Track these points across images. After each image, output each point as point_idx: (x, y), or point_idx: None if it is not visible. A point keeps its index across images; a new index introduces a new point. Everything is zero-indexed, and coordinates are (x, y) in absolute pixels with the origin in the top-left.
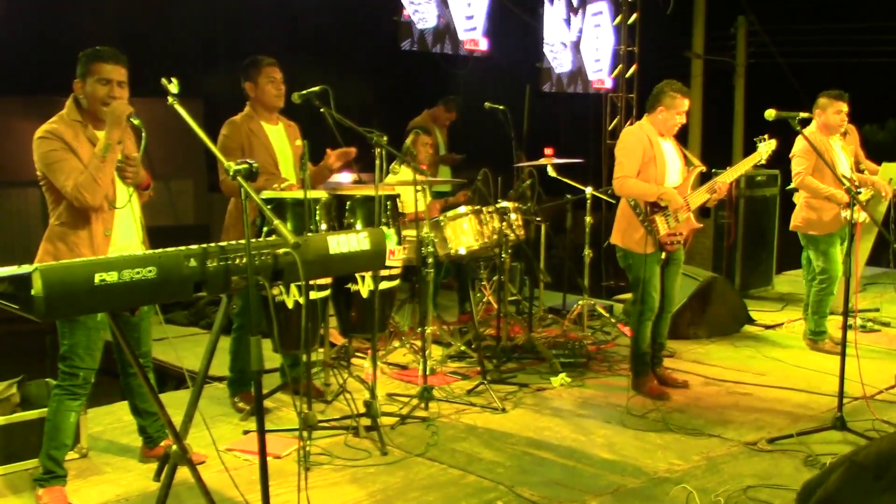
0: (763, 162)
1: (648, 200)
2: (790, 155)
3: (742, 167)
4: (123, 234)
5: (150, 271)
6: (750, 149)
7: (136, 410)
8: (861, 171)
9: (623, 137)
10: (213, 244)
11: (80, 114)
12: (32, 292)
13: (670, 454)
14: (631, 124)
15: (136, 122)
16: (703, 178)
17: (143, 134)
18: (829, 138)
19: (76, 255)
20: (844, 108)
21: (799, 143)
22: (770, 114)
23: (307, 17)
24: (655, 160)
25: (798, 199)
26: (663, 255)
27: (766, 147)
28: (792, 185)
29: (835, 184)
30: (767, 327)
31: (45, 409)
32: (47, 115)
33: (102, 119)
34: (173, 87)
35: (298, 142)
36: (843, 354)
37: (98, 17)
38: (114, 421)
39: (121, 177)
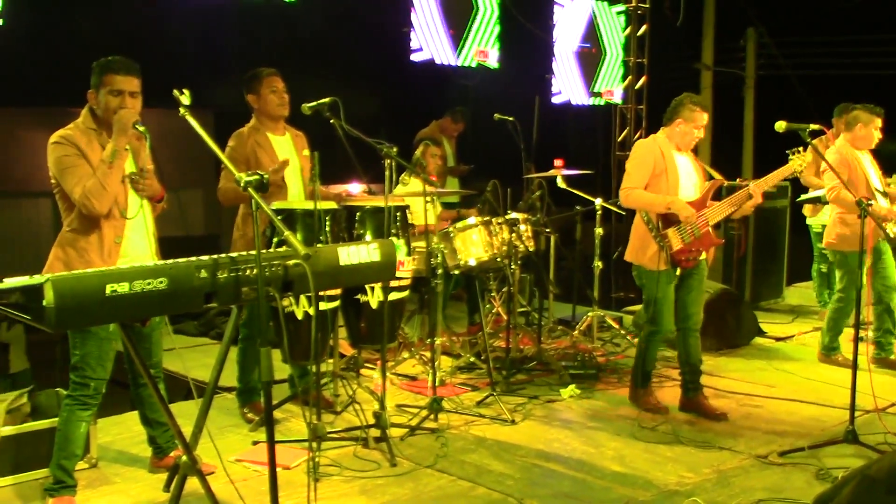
0: (799, 175)
1: (657, 212)
2: (822, 169)
3: (775, 178)
4: (135, 243)
5: (161, 282)
6: (759, 160)
7: (147, 421)
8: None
9: (635, 149)
10: (223, 255)
11: (95, 122)
12: (44, 303)
13: (681, 467)
14: (641, 136)
15: (140, 128)
16: (728, 192)
17: (148, 138)
18: (859, 152)
19: (85, 261)
20: (879, 123)
21: (829, 157)
22: (780, 126)
23: (316, 29)
24: (667, 173)
25: (830, 215)
26: (678, 272)
27: (800, 159)
28: (810, 197)
29: (869, 197)
30: (778, 339)
31: (56, 419)
32: (58, 126)
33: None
34: (185, 98)
35: (306, 151)
36: (854, 367)
37: (109, 30)
38: (123, 431)
39: (135, 189)
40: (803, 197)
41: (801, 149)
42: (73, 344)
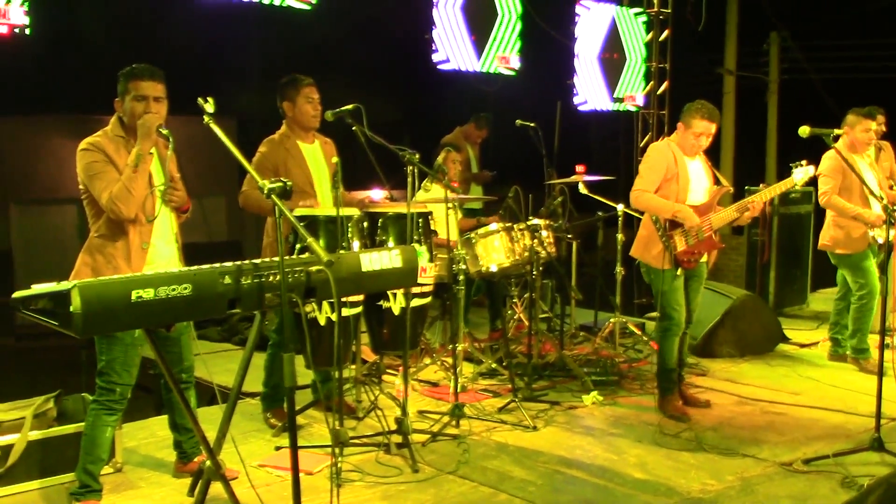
0: (798, 188)
1: (664, 217)
2: (816, 173)
3: (774, 190)
4: (160, 249)
5: (185, 288)
6: (783, 166)
7: (175, 426)
8: (891, 188)
9: (648, 152)
10: (247, 261)
11: (123, 130)
12: (71, 309)
13: (704, 474)
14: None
15: (164, 132)
16: (734, 198)
17: (171, 141)
18: (857, 156)
19: (113, 266)
20: (873, 125)
21: (825, 163)
22: (804, 131)
23: (339, 36)
24: (678, 178)
25: (826, 217)
26: (679, 272)
27: (803, 174)
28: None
29: (863, 203)
30: (802, 346)
31: (82, 424)
32: (84, 133)
33: None
34: (209, 106)
35: (335, 159)
36: (880, 374)
37: (135, 38)
38: (148, 436)
39: (164, 200)
40: None
41: (803, 162)
42: (100, 350)
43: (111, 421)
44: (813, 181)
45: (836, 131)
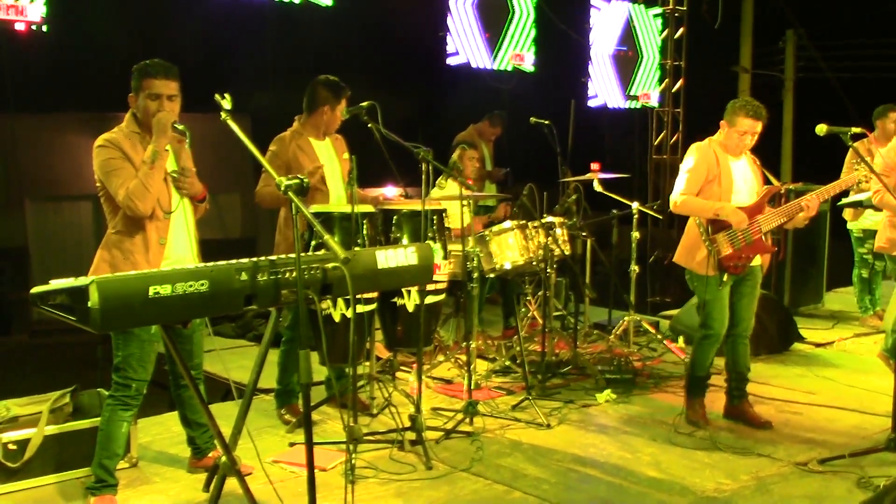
0: (862, 185)
1: (707, 217)
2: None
3: (835, 188)
4: (177, 245)
5: (202, 284)
6: (799, 164)
7: (186, 421)
8: None
9: (690, 152)
10: (263, 258)
11: (137, 126)
12: (89, 304)
13: (718, 473)
14: (678, 139)
15: (180, 127)
16: (787, 197)
17: (188, 136)
18: None
19: (131, 262)
20: None
21: (876, 160)
22: (821, 129)
23: (353, 34)
24: (720, 179)
25: (881, 219)
26: (725, 278)
27: (865, 170)
28: (851, 202)
29: None
30: (818, 345)
31: (98, 419)
32: (100, 131)
33: None
34: (226, 102)
35: (346, 155)
36: None
37: (150, 35)
38: (163, 431)
39: (177, 187)
40: (844, 201)
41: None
42: (116, 345)
43: (127, 416)
44: (830, 178)
45: (854, 129)
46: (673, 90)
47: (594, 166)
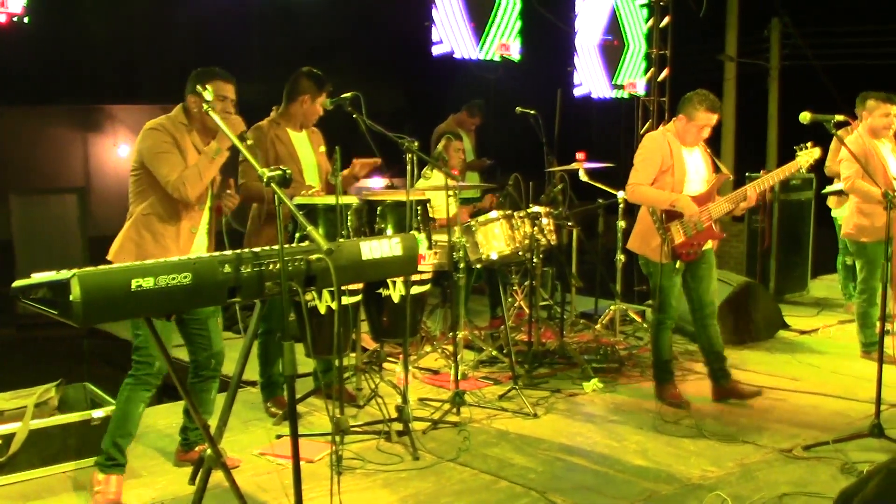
0: (803, 172)
1: (661, 208)
2: (838, 159)
3: (777, 176)
4: (201, 236)
5: (185, 277)
6: (784, 152)
7: (188, 413)
8: None
9: (643, 143)
10: (246, 250)
11: (187, 119)
12: (70, 298)
13: (704, 461)
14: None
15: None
16: (735, 186)
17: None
18: (877, 141)
19: (160, 246)
20: (893, 110)
21: (849, 147)
22: (805, 117)
23: (338, 24)
24: (674, 169)
25: (849, 205)
26: (678, 265)
27: (807, 156)
28: (835, 189)
29: (887, 187)
30: (803, 332)
31: (84, 413)
32: (85, 124)
33: (209, 129)
34: (208, 94)
35: (322, 148)
36: (880, 360)
37: (134, 28)
38: (149, 425)
39: (216, 195)
40: (828, 189)
41: (809, 144)
42: (135, 324)
43: (146, 397)
44: (817, 166)
45: (839, 117)
46: (659, 79)
47: (580, 156)
